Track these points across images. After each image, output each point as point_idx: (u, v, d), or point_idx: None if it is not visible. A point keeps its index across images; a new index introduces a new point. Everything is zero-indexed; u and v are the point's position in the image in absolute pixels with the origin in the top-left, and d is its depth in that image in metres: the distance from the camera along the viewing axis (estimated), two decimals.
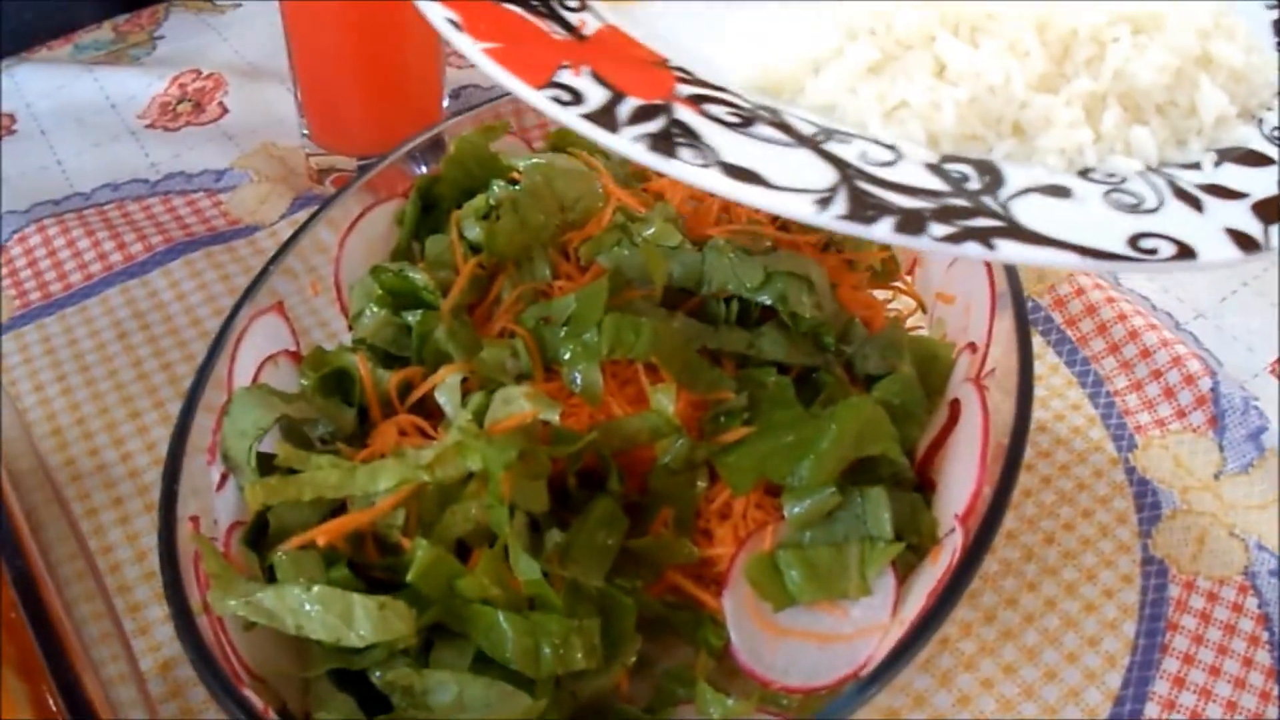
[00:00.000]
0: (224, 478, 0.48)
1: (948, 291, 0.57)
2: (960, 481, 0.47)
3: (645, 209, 0.57)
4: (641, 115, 0.38)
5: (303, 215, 0.71)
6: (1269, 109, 0.47)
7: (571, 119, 0.38)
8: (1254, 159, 0.44)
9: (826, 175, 0.37)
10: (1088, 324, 0.66)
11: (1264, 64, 0.47)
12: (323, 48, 0.73)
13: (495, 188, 0.58)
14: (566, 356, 0.50)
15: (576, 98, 0.38)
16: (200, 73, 0.87)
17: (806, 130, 0.40)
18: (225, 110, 0.84)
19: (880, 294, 0.59)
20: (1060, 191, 0.39)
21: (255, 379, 0.51)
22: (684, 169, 0.36)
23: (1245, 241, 0.39)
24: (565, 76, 0.39)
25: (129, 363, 0.65)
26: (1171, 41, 0.44)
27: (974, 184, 0.39)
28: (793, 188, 0.36)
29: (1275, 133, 0.45)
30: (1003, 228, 0.36)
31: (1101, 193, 0.40)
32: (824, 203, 0.36)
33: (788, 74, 0.43)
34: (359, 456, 0.48)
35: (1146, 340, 0.64)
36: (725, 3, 0.47)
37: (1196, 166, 0.43)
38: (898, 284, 0.60)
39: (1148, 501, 0.58)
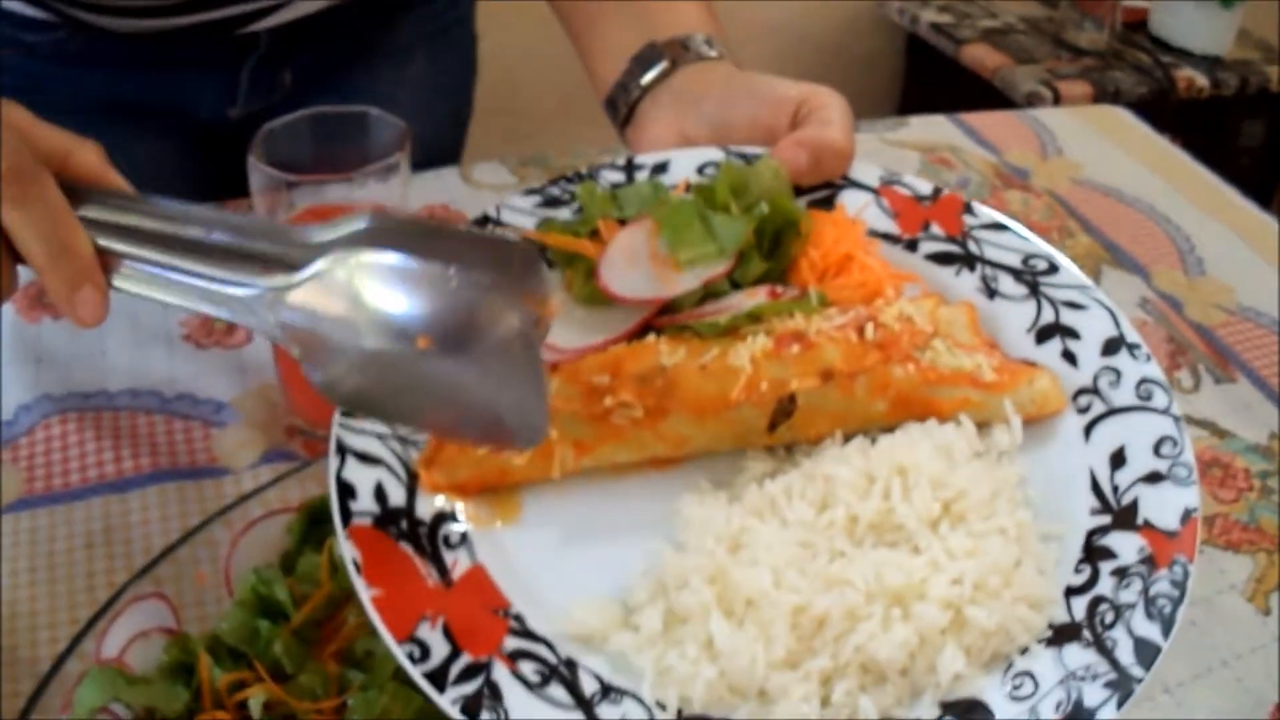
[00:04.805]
0: None
1: None
2: None
3: None
4: (465, 674, 0.50)
5: (264, 469, 0.82)
6: (1038, 640, 0.55)
7: (416, 675, 0.50)
8: (977, 709, 0.52)
9: None
10: None
11: (1036, 606, 0.55)
12: None
13: None
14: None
15: (425, 653, 0.50)
16: None
17: (589, 689, 0.51)
18: (250, 338, 0.95)
19: None
20: None
21: (121, 654, 0.62)
22: None
23: None
24: (423, 630, 0.52)
25: (84, 573, 0.76)
26: (923, 613, 0.53)
27: None
28: None
29: (1015, 680, 0.53)
30: None
31: None
32: None
33: (596, 628, 0.55)
34: None
35: None
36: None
37: None
38: None
39: None
